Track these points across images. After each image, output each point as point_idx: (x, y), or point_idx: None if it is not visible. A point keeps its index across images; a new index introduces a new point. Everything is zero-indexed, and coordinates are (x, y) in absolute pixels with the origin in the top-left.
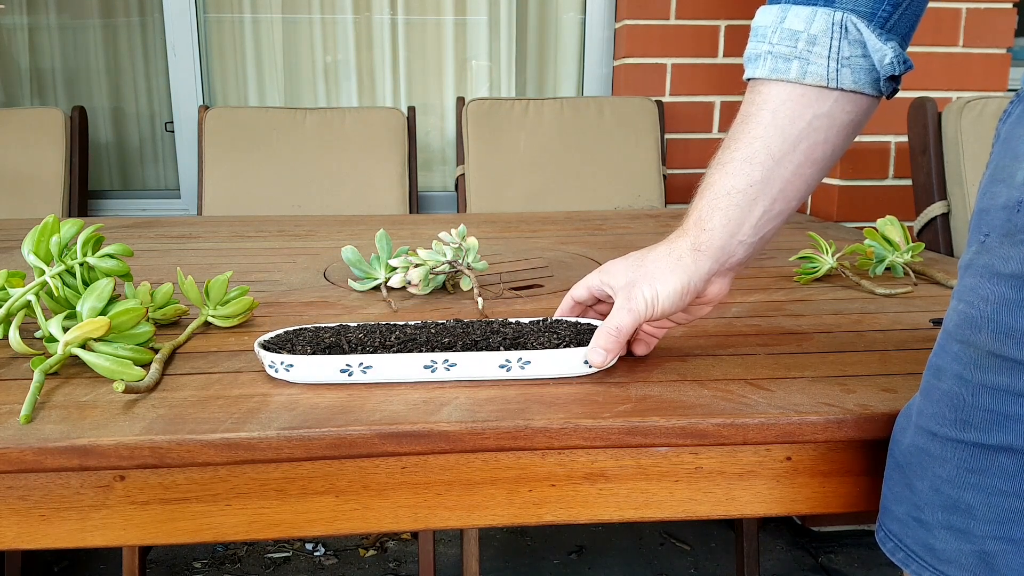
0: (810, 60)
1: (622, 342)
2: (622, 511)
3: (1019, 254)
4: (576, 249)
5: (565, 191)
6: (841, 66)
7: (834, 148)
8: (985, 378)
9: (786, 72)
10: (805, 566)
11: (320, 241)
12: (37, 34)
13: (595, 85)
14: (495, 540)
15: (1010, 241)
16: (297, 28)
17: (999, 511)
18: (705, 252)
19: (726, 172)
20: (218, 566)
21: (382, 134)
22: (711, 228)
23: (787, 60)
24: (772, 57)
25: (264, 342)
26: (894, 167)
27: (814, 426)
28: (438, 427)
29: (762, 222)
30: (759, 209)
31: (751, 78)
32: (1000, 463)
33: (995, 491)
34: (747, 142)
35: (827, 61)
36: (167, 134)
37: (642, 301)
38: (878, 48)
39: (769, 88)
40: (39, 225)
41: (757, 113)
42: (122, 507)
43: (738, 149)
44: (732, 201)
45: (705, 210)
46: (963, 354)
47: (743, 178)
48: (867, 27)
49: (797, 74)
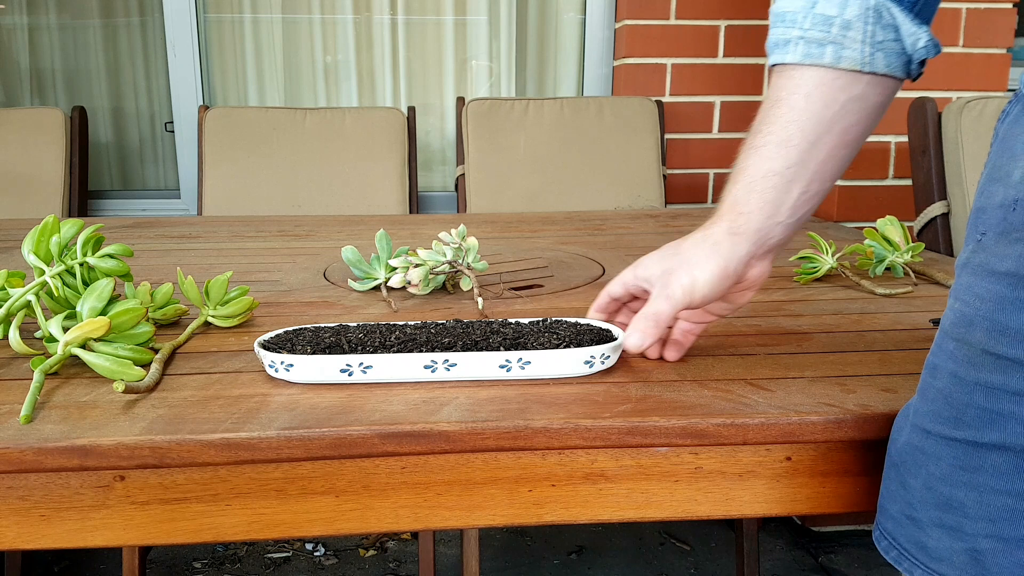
0: (844, 45)
1: (660, 329)
2: (622, 511)
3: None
4: (576, 249)
5: (565, 191)
6: (875, 50)
7: (865, 129)
8: (979, 376)
9: (820, 57)
10: (805, 566)
11: (320, 241)
12: (37, 34)
13: (595, 85)
14: (495, 540)
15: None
16: (297, 28)
17: (991, 509)
18: (743, 235)
19: (761, 156)
20: (218, 566)
21: (382, 134)
22: (748, 211)
23: (821, 45)
24: (805, 42)
25: (264, 342)
26: (894, 167)
27: (814, 426)
28: (438, 427)
29: (799, 203)
30: (796, 190)
31: (780, 63)
32: (993, 461)
33: (987, 489)
34: (782, 126)
35: (861, 46)
36: (167, 134)
37: (679, 288)
38: (912, 32)
39: (802, 73)
40: (39, 225)
41: (789, 98)
42: (122, 507)
43: (772, 133)
44: (769, 184)
45: (741, 194)
46: (958, 352)
47: (780, 161)
48: (900, 11)
49: (832, 59)
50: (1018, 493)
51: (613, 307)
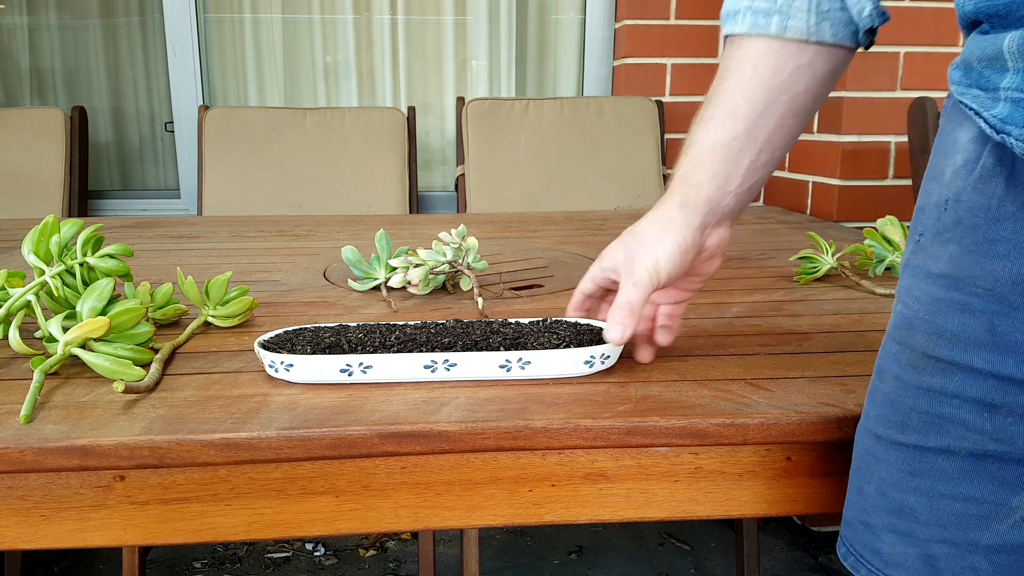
0: (790, 15)
1: (637, 316)
2: (622, 511)
3: (946, 253)
4: (576, 249)
5: (565, 191)
6: (821, 20)
7: (815, 97)
8: (921, 380)
9: (766, 27)
10: (805, 566)
11: (320, 241)
12: (37, 34)
13: (595, 85)
14: (495, 540)
15: (939, 240)
16: (297, 28)
17: (941, 514)
18: (693, 206)
19: (708, 128)
20: (218, 566)
21: (382, 134)
22: (697, 183)
23: (767, 15)
24: (752, 13)
25: (264, 342)
26: (894, 167)
27: (814, 426)
28: (438, 427)
29: (750, 172)
30: (745, 160)
31: (730, 34)
32: (939, 466)
33: (936, 494)
34: (728, 96)
35: (807, 15)
36: (167, 134)
37: (644, 271)
38: (856, 1)
39: (749, 43)
40: (39, 225)
41: (737, 68)
42: (122, 507)
43: (719, 104)
44: (717, 155)
45: (690, 166)
46: (901, 355)
47: (726, 132)
48: None
49: (778, 29)
50: (965, 497)
51: (589, 304)
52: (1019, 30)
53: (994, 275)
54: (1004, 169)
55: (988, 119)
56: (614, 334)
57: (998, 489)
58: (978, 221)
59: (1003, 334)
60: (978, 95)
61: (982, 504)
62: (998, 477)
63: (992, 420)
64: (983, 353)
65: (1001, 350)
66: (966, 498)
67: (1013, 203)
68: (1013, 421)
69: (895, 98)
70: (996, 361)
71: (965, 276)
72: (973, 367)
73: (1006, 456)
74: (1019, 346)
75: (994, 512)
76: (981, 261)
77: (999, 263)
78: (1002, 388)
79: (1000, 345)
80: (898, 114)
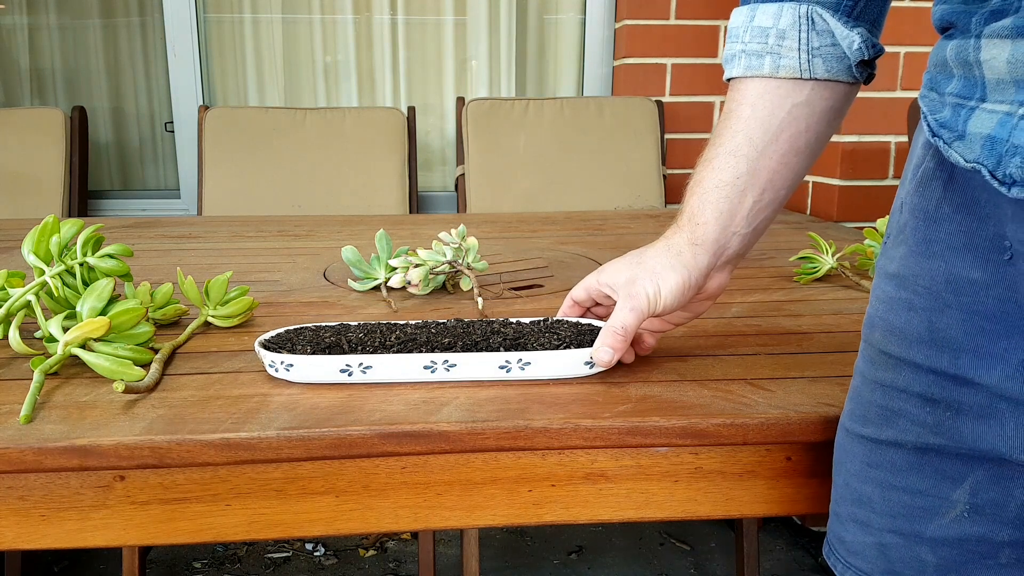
0: (781, 54)
1: (628, 340)
2: (622, 511)
3: (898, 254)
4: (576, 249)
5: (565, 191)
6: (813, 56)
7: (817, 135)
8: (877, 374)
9: (760, 68)
10: (805, 566)
11: (320, 241)
12: (37, 34)
13: (595, 85)
14: (495, 540)
15: (895, 241)
16: (297, 28)
17: (892, 505)
18: (702, 246)
19: (712, 167)
20: (218, 566)
21: (382, 134)
22: (704, 221)
23: (760, 56)
24: (745, 55)
25: (264, 342)
26: (894, 167)
27: (814, 426)
28: (438, 427)
29: (753, 212)
30: (749, 200)
31: (731, 77)
32: (891, 458)
33: (888, 485)
34: (729, 136)
35: (798, 53)
36: (167, 134)
37: (644, 297)
38: (845, 36)
39: (747, 85)
40: (39, 225)
41: (737, 109)
42: (122, 507)
43: (722, 144)
44: (721, 194)
45: (696, 205)
46: (865, 352)
47: (729, 171)
48: (832, 17)
49: (771, 68)
50: (913, 490)
51: (577, 312)
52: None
53: (931, 274)
54: (943, 172)
55: (931, 123)
56: (603, 356)
57: (940, 483)
58: (919, 223)
59: (939, 331)
60: (933, 99)
61: (926, 497)
62: (940, 470)
63: (933, 414)
64: (924, 349)
65: (938, 346)
66: (913, 490)
67: (949, 205)
68: (950, 416)
69: (895, 98)
70: (934, 357)
71: (910, 275)
72: (916, 363)
73: (946, 450)
74: (952, 342)
75: (937, 505)
76: (921, 261)
77: (935, 263)
78: (939, 383)
79: (937, 342)
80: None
